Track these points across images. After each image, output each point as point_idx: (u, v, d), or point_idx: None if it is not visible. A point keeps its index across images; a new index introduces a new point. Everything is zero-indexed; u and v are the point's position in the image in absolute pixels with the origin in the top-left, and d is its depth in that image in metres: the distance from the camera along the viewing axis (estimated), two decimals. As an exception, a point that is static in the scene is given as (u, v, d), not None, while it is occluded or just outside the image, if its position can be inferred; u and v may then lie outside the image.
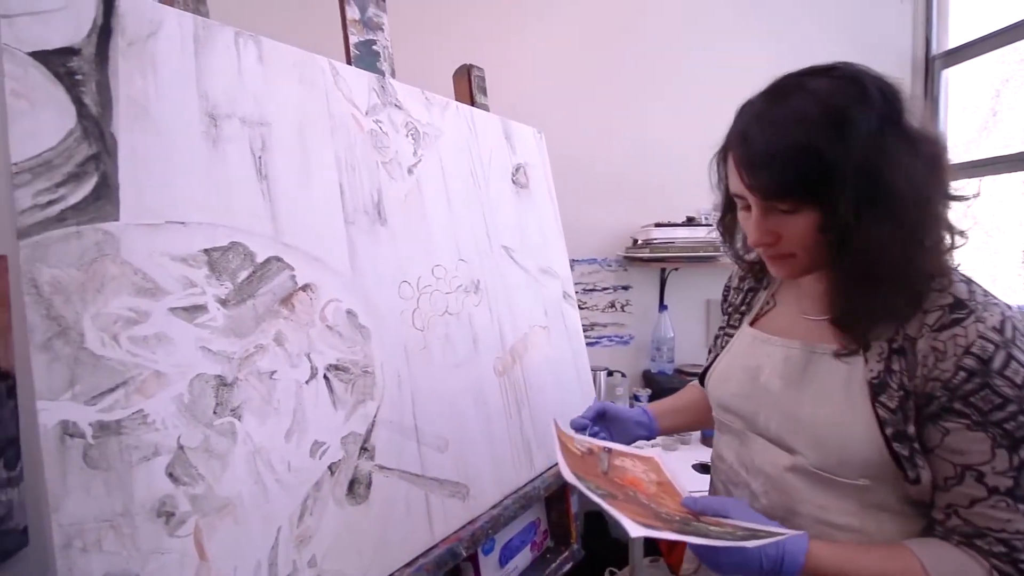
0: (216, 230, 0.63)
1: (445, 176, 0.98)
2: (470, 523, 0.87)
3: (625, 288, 2.08)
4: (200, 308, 0.60)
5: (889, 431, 0.56)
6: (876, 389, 0.57)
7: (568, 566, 1.08)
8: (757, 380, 0.68)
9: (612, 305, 2.08)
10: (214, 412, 0.59)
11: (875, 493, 0.58)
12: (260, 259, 0.66)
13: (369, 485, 0.74)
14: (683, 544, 1.79)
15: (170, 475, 0.55)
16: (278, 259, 0.68)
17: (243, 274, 0.65)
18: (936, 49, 2.03)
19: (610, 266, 2.06)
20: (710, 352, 0.85)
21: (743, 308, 0.80)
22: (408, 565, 0.76)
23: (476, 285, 1.00)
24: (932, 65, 2.04)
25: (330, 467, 0.70)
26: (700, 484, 1.43)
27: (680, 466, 1.53)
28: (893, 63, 2.02)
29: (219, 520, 0.58)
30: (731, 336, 0.79)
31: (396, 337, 0.82)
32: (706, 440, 1.73)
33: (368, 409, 0.76)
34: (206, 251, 0.62)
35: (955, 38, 1.99)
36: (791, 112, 0.56)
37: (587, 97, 1.94)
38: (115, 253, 0.55)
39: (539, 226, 1.22)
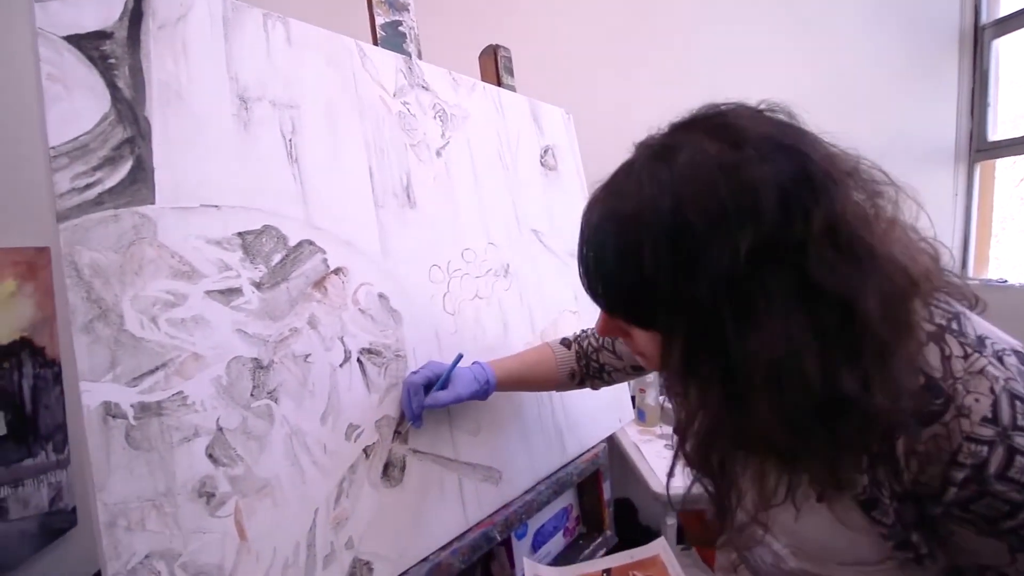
0: (249, 213, 0.63)
1: (473, 158, 0.97)
2: (503, 507, 0.86)
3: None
4: (235, 291, 0.60)
5: (891, 543, 0.46)
6: (866, 506, 0.46)
7: (601, 552, 1.07)
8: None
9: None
10: (251, 394, 0.59)
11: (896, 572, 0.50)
12: (292, 242, 0.66)
13: (403, 468, 0.74)
14: (715, 535, 1.76)
15: (210, 456, 0.55)
16: (310, 242, 0.68)
17: (276, 257, 0.64)
18: (986, 18, 1.91)
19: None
20: (670, 402, 0.73)
21: None
22: (443, 548, 0.76)
23: (506, 269, 0.98)
24: (981, 35, 1.93)
25: (365, 450, 0.70)
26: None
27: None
28: (939, 34, 1.92)
29: (258, 501, 0.58)
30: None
31: (427, 321, 0.81)
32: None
33: (401, 393, 0.75)
34: (240, 234, 0.62)
35: (1007, 5, 1.87)
36: (618, 215, 0.43)
37: (615, 78, 1.90)
38: (152, 236, 0.55)
39: (568, 209, 1.20)
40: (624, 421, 1.23)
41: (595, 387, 0.87)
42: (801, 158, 0.39)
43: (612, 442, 1.29)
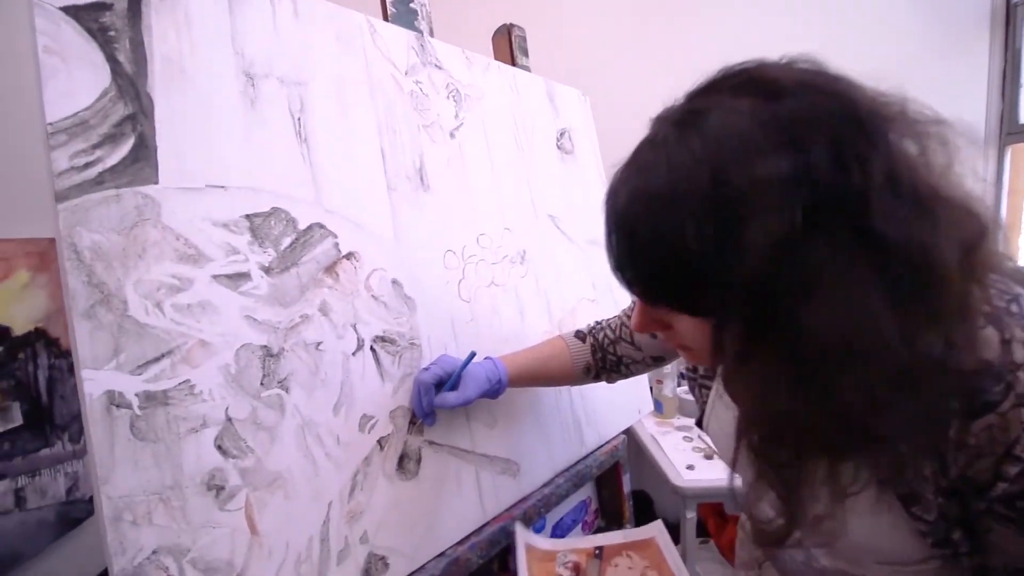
0: (257, 195, 0.60)
1: (488, 140, 0.93)
2: (522, 501, 0.83)
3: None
4: (244, 276, 0.57)
5: (930, 540, 0.43)
6: (907, 501, 0.42)
7: (621, 546, 1.04)
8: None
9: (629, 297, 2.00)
10: (261, 383, 0.57)
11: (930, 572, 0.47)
12: (302, 225, 0.63)
13: (419, 461, 0.71)
14: (732, 528, 1.72)
15: (219, 447, 0.53)
16: (320, 226, 0.65)
17: (286, 241, 0.62)
18: (1019, -8, 1.83)
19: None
20: (694, 395, 0.69)
21: None
22: (460, 543, 0.73)
23: (522, 255, 0.95)
24: (1014, 13, 1.85)
25: (379, 441, 0.67)
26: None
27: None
28: (969, 11, 1.84)
29: (270, 494, 0.56)
30: (708, 389, 0.63)
31: (442, 308, 0.79)
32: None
33: (412, 390, 0.73)
34: (247, 216, 0.59)
35: (1042, -22, 1.79)
36: (649, 193, 0.38)
37: (633, 59, 1.84)
38: (155, 217, 0.52)
39: (585, 194, 1.16)
40: (643, 412, 1.20)
41: (611, 381, 0.84)
42: (848, 101, 0.35)
43: (628, 434, 1.26)
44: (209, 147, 0.57)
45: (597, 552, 0.69)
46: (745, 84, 0.37)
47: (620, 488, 1.06)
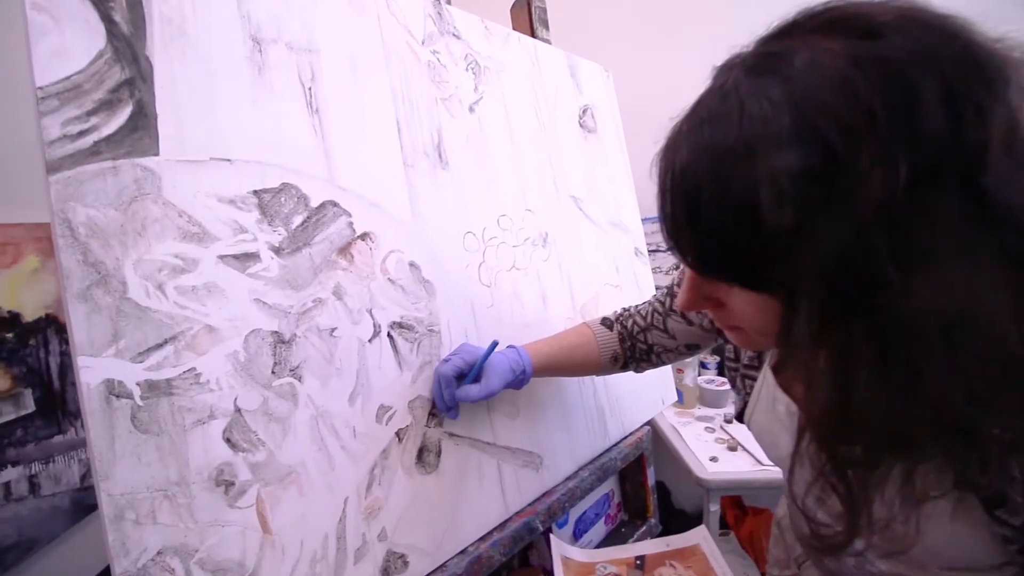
0: (265, 169, 0.56)
1: (508, 116, 0.88)
2: (545, 495, 0.79)
3: (691, 248, 1.93)
4: (252, 256, 0.53)
5: (1014, 547, 0.39)
6: (991, 503, 0.38)
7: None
8: None
9: (678, 267, 1.94)
10: (272, 372, 0.53)
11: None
12: (314, 203, 0.59)
13: (439, 453, 0.67)
14: (752, 520, 1.67)
15: (227, 440, 0.49)
16: (334, 203, 0.61)
17: (297, 219, 0.57)
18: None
19: (675, 224, 1.91)
20: (733, 385, 0.65)
21: None
22: (482, 540, 0.69)
23: (544, 238, 0.90)
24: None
25: (397, 433, 0.63)
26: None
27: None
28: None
29: (282, 490, 0.52)
30: (753, 379, 0.59)
31: (462, 293, 0.74)
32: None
33: (432, 383, 0.69)
34: (256, 192, 0.55)
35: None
36: (717, 147, 0.33)
37: (657, 33, 1.77)
38: (156, 192, 0.48)
39: (608, 175, 1.10)
40: (667, 402, 1.15)
41: (640, 370, 0.79)
42: (962, 40, 0.29)
43: (648, 424, 1.22)
44: (213, 117, 0.53)
45: (638, 562, 0.65)
46: (835, 22, 0.31)
47: (645, 481, 1.02)
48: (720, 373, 1.78)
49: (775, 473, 1.26)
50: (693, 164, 0.35)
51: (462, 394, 0.66)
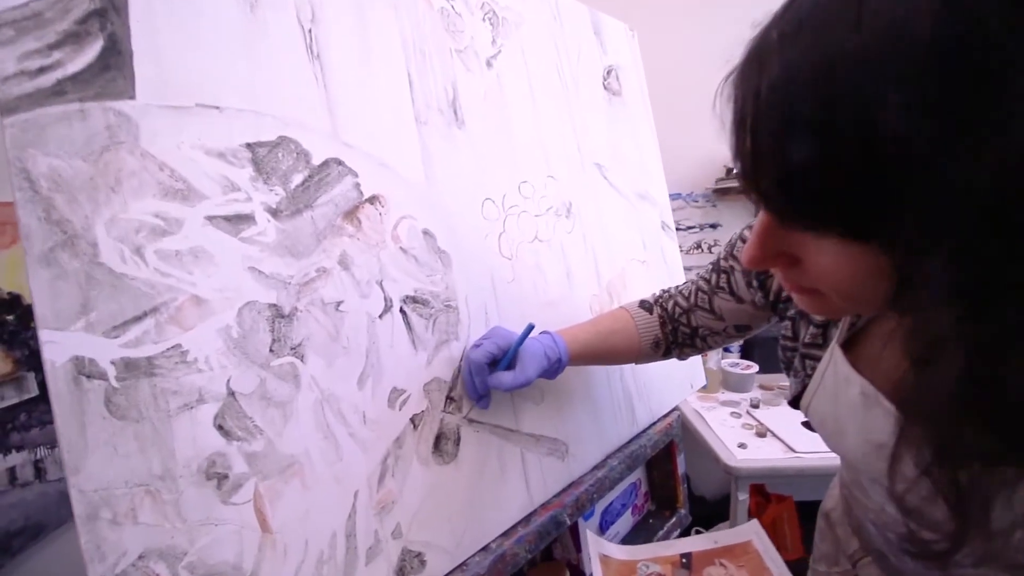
0: (260, 120, 0.49)
1: (529, 73, 0.80)
2: (572, 486, 0.73)
3: (713, 227, 1.86)
4: (246, 218, 0.47)
5: None
6: None
7: (675, 533, 0.94)
8: (884, 450, 0.44)
9: (698, 246, 1.87)
10: (270, 350, 0.47)
11: None
12: (316, 160, 0.52)
13: (458, 441, 0.61)
14: (774, 508, 1.60)
15: (219, 427, 0.43)
16: (338, 161, 0.54)
17: (297, 178, 0.50)
18: None
19: (696, 201, 1.83)
20: (787, 368, 0.57)
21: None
22: (506, 536, 0.63)
23: (567, 208, 0.83)
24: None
25: (412, 419, 0.57)
26: (812, 443, 1.24)
27: (787, 424, 1.34)
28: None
29: (284, 483, 0.46)
30: (815, 360, 0.52)
31: (481, 266, 0.67)
32: (812, 394, 1.52)
33: (453, 351, 0.62)
34: (249, 146, 0.48)
35: None
36: (822, 57, 0.26)
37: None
38: (132, 141, 0.42)
39: (635, 142, 1.02)
40: (695, 386, 1.08)
41: (683, 357, 0.72)
42: None
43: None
44: (199, 57, 0.46)
45: (684, 561, 0.59)
46: None
47: (674, 469, 0.95)
48: (745, 356, 1.70)
49: (808, 461, 1.20)
50: (788, 79, 0.27)
51: (495, 382, 0.60)
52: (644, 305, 0.71)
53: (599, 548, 0.61)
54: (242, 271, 0.46)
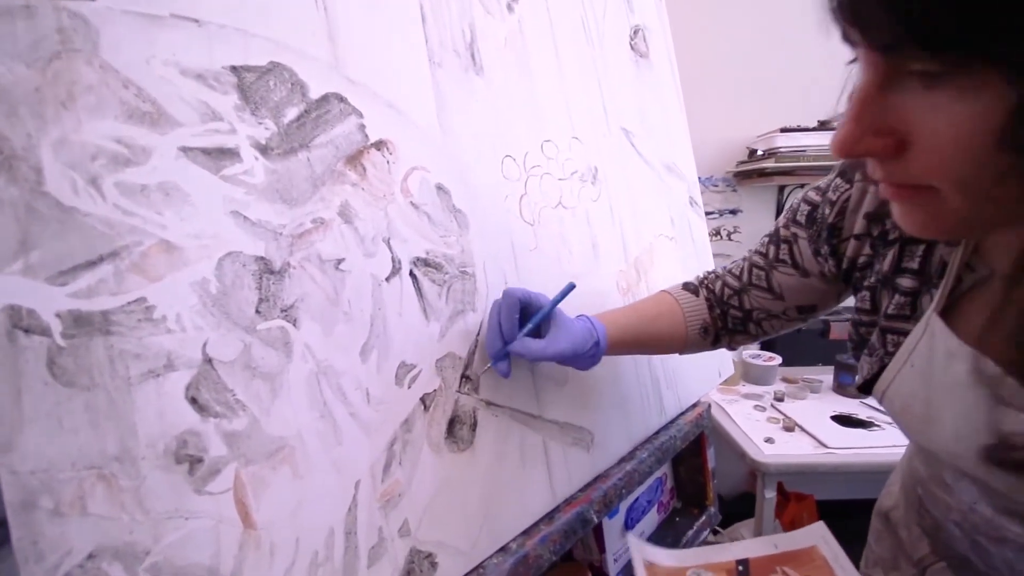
0: (248, 41, 0.41)
1: (552, 22, 0.72)
2: (600, 480, 0.65)
3: (733, 212, 1.78)
4: (229, 153, 0.39)
5: None
6: None
7: (705, 533, 0.86)
8: (1005, 441, 0.36)
9: (716, 233, 1.78)
10: (257, 311, 0.39)
11: None
12: (314, 94, 0.44)
13: (474, 426, 0.53)
14: (794, 507, 1.52)
15: (193, 400, 0.35)
16: (340, 98, 0.46)
17: (291, 112, 0.43)
18: None
19: (716, 186, 1.75)
20: (858, 347, 0.50)
21: (907, 277, 0.43)
22: (527, 534, 0.56)
23: (593, 174, 0.75)
24: None
25: (423, 399, 0.49)
26: (845, 438, 1.17)
27: (816, 419, 1.26)
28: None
29: (271, 470, 0.39)
30: (900, 335, 0.44)
31: (500, 229, 0.60)
32: (839, 388, 1.45)
33: (469, 324, 0.55)
34: (234, 69, 0.40)
35: None
36: None
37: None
38: (91, 50, 0.34)
39: (662, 110, 0.94)
40: (723, 375, 1.00)
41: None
42: None
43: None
44: (174, -42, 0.38)
45: (741, 568, 0.51)
46: None
47: (704, 463, 0.88)
48: (765, 347, 1.62)
49: (842, 457, 1.12)
50: None
51: (521, 348, 0.52)
52: (688, 287, 0.64)
53: (643, 554, 0.54)
54: (223, 215, 0.38)
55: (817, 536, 0.52)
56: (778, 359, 1.52)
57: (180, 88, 0.37)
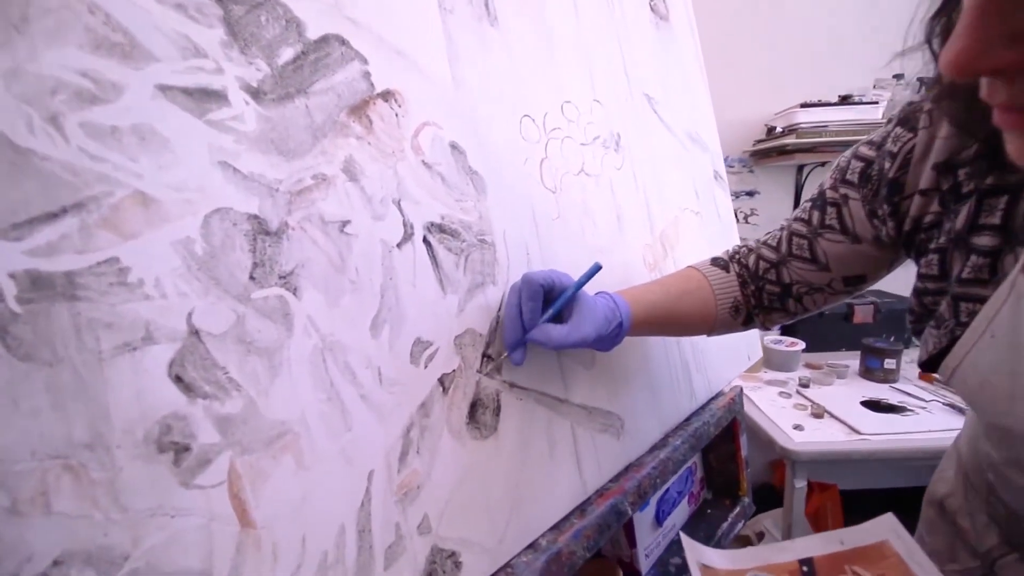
0: (235, -30, 0.36)
1: (571, -25, 0.66)
2: (632, 469, 0.60)
3: (750, 194, 1.71)
4: (215, 96, 0.34)
5: None
6: None
7: (740, 525, 0.81)
8: None
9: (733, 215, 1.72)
10: (251, 277, 0.34)
11: None
12: (312, 34, 0.39)
13: (498, 411, 0.48)
14: (818, 497, 1.47)
15: (177, 379, 0.30)
16: (341, 40, 0.41)
17: (286, 53, 0.38)
18: None
19: (732, 167, 1.68)
20: (921, 319, 0.44)
21: (986, 235, 0.38)
22: (558, 529, 0.51)
23: (616, 140, 0.69)
24: None
25: (441, 380, 0.44)
26: (878, 424, 1.11)
27: (845, 405, 1.21)
28: None
29: (271, 460, 0.33)
30: (977, 302, 0.39)
31: (520, 195, 0.54)
32: (866, 373, 1.39)
33: (489, 298, 0.49)
34: (220, 1, 0.35)
35: None
36: None
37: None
38: (45, -33, 0.29)
39: (683, 76, 0.89)
40: (752, 359, 0.95)
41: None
42: None
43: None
44: None
45: (805, 569, 0.46)
46: None
47: (737, 451, 0.82)
48: (786, 332, 1.56)
49: (876, 444, 1.06)
50: None
51: (541, 335, 0.46)
52: (718, 263, 0.58)
53: (698, 556, 0.48)
54: (210, 165, 0.33)
55: (888, 529, 0.47)
56: (801, 344, 1.46)
57: (156, 17, 0.32)
